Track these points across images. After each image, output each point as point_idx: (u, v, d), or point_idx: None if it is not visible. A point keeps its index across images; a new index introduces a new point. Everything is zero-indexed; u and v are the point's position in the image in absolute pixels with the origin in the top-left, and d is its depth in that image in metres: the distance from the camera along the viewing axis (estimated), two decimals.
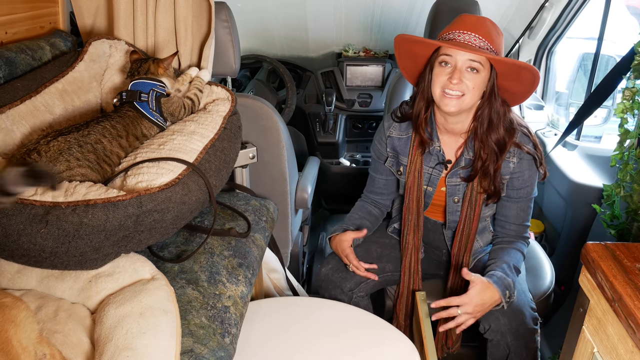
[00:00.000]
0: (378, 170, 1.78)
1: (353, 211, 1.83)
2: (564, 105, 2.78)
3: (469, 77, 1.43)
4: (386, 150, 1.71)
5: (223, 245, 1.43)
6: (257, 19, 2.98)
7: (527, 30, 2.76)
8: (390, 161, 1.72)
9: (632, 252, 1.02)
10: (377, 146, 1.74)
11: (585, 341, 1.06)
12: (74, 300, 1.14)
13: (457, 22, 1.45)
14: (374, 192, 1.82)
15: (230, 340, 1.18)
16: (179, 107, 1.44)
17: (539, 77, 1.45)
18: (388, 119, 1.71)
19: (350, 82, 3.21)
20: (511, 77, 1.46)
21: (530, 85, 1.48)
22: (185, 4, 1.62)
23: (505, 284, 1.50)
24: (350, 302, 1.72)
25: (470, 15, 1.47)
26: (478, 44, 1.41)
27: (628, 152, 1.63)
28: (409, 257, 1.71)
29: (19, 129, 1.28)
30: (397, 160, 1.71)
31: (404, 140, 1.67)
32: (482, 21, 1.44)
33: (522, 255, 1.63)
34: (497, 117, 1.50)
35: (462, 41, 1.42)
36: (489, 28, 1.43)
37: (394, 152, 1.70)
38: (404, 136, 1.67)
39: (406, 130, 1.66)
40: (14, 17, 1.57)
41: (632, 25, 3.37)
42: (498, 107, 1.49)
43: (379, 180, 1.79)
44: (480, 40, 1.41)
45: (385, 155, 1.72)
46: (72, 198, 1.06)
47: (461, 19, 1.46)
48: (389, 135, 1.69)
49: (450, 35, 1.44)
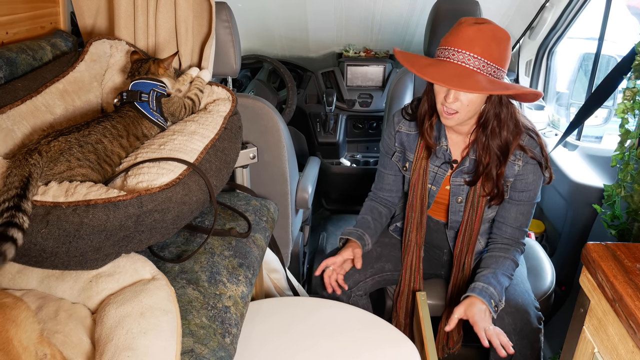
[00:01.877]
0: (387, 166, 1.77)
1: (364, 212, 1.81)
2: (564, 105, 2.78)
3: (463, 96, 1.40)
4: (394, 145, 1.71)
5: (223, 245, 1.43)
6: (257, 19, 2.98)
7: (527, 30, 2.76)
8: (397, 156, 1.72)
9: (632, 252, 1.02)
10: (387, 140, 1.74)
11: (586, 341, 1.06)
12: (74, 300, 1.14)
13: (454, 35, 1.39)
14: (383, 189, 1.81)
15: (231, 341, 1.18)
16: (179, 107, 1.44)
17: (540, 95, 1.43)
18: (398, 114, 1.70)
19: (350, 82, 3.21)
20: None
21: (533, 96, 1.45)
22: (186, 4, 1.62)
23: (488, 293, 1.50)
24: (348, 301, 1.72)
25: (469, 26, 1.37)
26: (473, 63, 1.35)
27: (629, 152, 1.63)
28: (410, 255, 1.71)
29: (20, 129, 1.28)
30: (403, 155, 1.70)
31: (412, 137, 1.66)
32: (480, 33, 1.35)
33: (513, 263, 1.61)
34: (500, 123, 1.47)
35: (456, 62, 1.36)
36: (487, 40, 1.35)
37: (401, 147, 1.70)
38: (412, 132, 1.66)
39: (415, 126, 1.66)
40: (14, 17, 1.57)
41: (632, 25, 3.37)
42: (502, 112, 1.46)
43: (388, 177, 1.78)
44: (476, 59, 1.35)
45: (393, 150, 1.72)
46: (73, 198, 1.06)
47: (458, 32, 1.38)
48: (398, 130, 1.69)
49: (446, 52, 1.39)
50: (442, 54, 1.41)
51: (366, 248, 1.73)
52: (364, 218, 1.79)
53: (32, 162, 1.09)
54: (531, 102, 1.51)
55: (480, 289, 1.51)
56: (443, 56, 1.40)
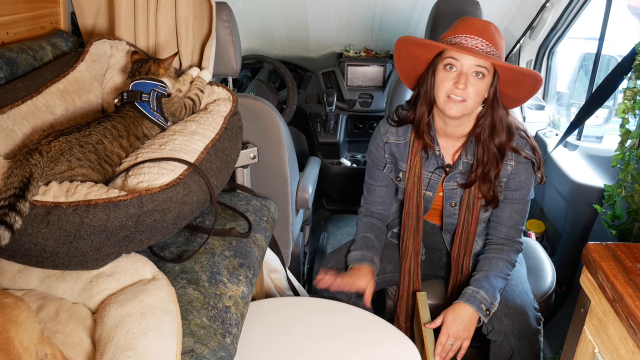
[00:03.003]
0: (377, 178, 1.72)
1: (364, 231, 1.75)
2: (565, 105, 2.78)
3: (473, 83, 1.41)
4: (384, 157, 1.68)
5: (224, 245, 1.43)
6: (258, 19, 2.98)
7: (528, 30, 2.76)
8: (389, 167, 1.69)
9: (633, 252, 1.02)
10: (374, 153, 1.70)
11: (586, 341, 1.06)
12: (75, 300, 1.14)
13: (463, 26, 1.43)
14: (375, 203, 1.76)
15: (231, 341, 1.18)
16: (179, 107, 1.44)
17: (541, 83, 1.45)
18: (384, 125, 1.67)
19: (351, 82, 3.22)
20: (512, 83, 1.45)
21: (530, 91, 1.48)
22: (186, 4, 1.62)
23: (478, 298, 1.51)
24: (349, 301, 1.72)
25: (475, 19, 1.46)
26: (485, 49, 1.40)
27: (629, 152, 1.63)
28: (408, 261, 1.71)
29: (20, 129, 1.28)
30: (395, 166, 1.68)
31: (402, 146, 1.64)
32: (488, 26, 1.43)
33: (508, 263, 1.60)
34: (500, 123, 1.49)
35: (469, 46, 1.40)
36: (493, 33, 1.42)
37: (392, 158, 1.67)
38: (401, 141, 1.64)
39: (404, 134, 1.63)
40: (15, 17, 1.57)
41: (633, 25, 3.37)
42: (500, 113, 1.48)
43: (379, 189, 1.74)
44: (487, 46, 1.40)
45: (384, 161, 1.69)
46: (74, 198, 1.06)
47: (466, 22, 1.44)
48: (386, 142, 1.65)
49: (457, 39, 1.42)
50: (452, 41, 1.44)
51: (376, 271, 1.72)
52: (367, 237, 1.74)
53: (33, 162, 1.09)
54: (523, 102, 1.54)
55: (470, 294, 1.54)
56: (454, 42, 1.43)
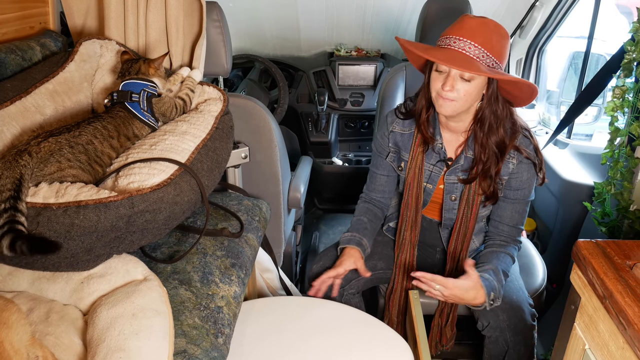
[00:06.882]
0: (380, 167, 1.77)
1: (360, 214, 1.80)
2: (555, 103, 2.80)
3: (460, 85, 1.41)
4: (388, 146, 1.71)
5: (216, 245, 1.43)
6: (248, 19, 2.97)
7: (517, 29, 2.78)
8: (391, 156, 1.72)
9: (622, 249, 1.03)
10: (380, 141, 1.74)
11: (577, 338, 1.07)
12: (66, 301, 1.13)
13: (457, 25, 1.41)
14: (375, 190, 1.81)
15: (224, 341, 1.18)
16: (170, 107, 1.43)
17: (536, 91, 1.45)
18: (391, 114, 1.70)
19: (342, 81, 3.22)
20: (510, 85, 1.45)
21: (528, 96, 1.47)
22: (176, 4, 1.61)
23: (492, 286, 1.51)
24: (341, 299, 1.72)
25: (472, 18, 1.41)
26: (473, 52, 1.37)
27: (618, 150, 1.64)
28: (404, 254, 1.72)
29: (9, 130, 1.27)
30: (398, 155, 1.70)
31: (407, 136, 1.66)
32: (483, 25, 1.39)
33: (512, 259, 1.63)
34: (497, 120, 1.49)
35: (457, 49, 1.38)
36: (489, 33, 1.38)
37: (395, 148, 1.70)
38: (406, 132, 1.66)
39: (409, 126, 1.66)
40: (3, 17, 1.56)
41: (621, 23, 3.39)
42: (499, 110, 1.48)
43: (380, 177, 1.78)
44: (476, 49, 1.37)
45: (387, 150, 1.72)
46: (64, 199, 1.05)
47: (462, 21, 1.41)
48: (391, 130, 1.68)
49: (447, 40, 1.41)
50: (443, 42, 1.43)
51: (366, 253, 1.73)
52: (360, 220, 1.78)
53: (22, 163, 1.08)
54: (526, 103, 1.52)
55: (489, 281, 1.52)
56: (444, 44, 1.42)
